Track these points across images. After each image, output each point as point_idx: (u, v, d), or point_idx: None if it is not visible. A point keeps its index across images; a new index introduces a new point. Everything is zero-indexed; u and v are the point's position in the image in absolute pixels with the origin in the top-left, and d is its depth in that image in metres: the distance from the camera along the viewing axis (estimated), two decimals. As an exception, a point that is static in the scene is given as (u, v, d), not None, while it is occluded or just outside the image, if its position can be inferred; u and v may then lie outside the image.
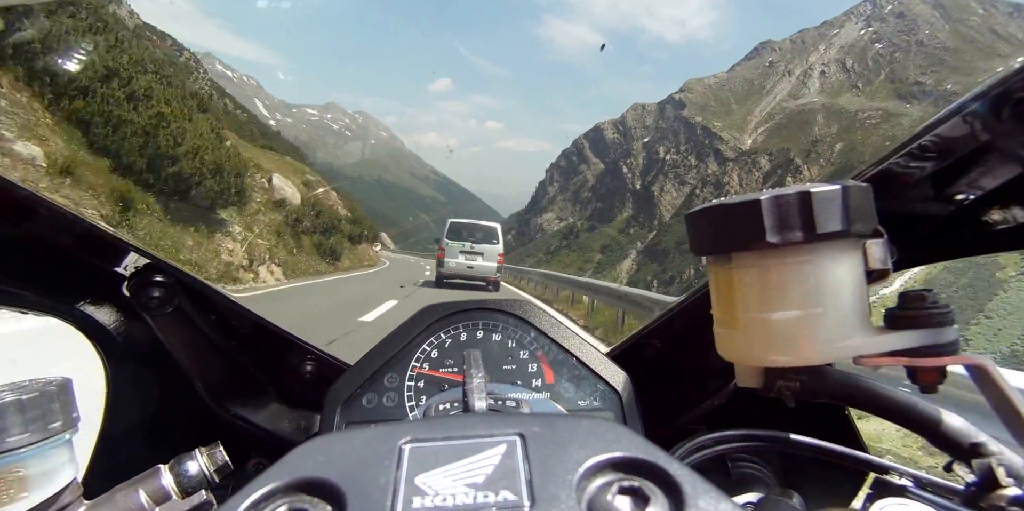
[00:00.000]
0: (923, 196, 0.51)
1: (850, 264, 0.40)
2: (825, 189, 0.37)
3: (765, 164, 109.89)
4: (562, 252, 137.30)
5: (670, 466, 0.24)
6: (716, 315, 0.46)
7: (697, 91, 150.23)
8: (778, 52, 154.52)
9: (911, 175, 0.48)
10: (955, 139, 0.44)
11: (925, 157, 0.46)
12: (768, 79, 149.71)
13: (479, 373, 0.53)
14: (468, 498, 0.23)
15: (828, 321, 0.39)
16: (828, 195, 0.37)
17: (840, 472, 0.66)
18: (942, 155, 0.45)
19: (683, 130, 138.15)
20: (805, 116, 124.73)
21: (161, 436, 0.70)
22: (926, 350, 0.43)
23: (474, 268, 15.20)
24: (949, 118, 0.42)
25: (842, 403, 0.50)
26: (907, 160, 0.46)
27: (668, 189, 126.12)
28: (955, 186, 0.49)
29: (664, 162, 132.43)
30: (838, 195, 0.37)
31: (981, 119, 0.41)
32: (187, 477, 0.51)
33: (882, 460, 0.50)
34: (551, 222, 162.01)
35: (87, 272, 0.62)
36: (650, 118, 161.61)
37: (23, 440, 0.41)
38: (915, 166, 0.47)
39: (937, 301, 0.43)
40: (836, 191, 0.37)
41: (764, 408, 0.59)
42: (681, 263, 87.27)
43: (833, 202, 0.37)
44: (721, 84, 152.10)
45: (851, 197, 0.37)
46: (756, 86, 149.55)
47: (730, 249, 0.41)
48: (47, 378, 0.46)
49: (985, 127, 0.42)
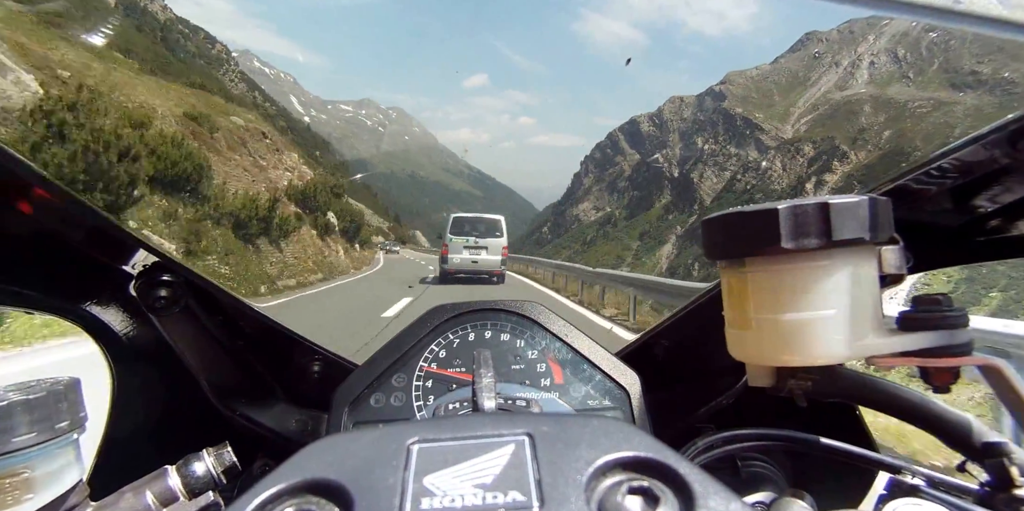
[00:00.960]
0: (939, 208, 0.52)
1: (865, 269, 0.40)
2: (845, 201, 0.37)
3: (809, 151, 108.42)
4: (599, 242, 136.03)
5: (680, 466, 0.24)
6: (728, 317, 0.46)
7: (738, 83, 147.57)
8: (825, 43, 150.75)
9: (928, 190, 0.49)
10: (972, 163, 0.45)
11: (943, 176, 0.47)
12: (813, 70, 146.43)
13: (488, 373, 0.53)
14: (477, 499, 0.23)
15: (841, 322, 0.39)
16: (847, 206, 0.37)
17: (851, 472, 0.65)
18: (960, 174, 0.47)
19: (723, 121, 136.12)
20: (852, 106, 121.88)
21: (167, 437, 0.70)
22: (939, 351, 0.43)
23: (478, 262, 15.28)
24: (969, 145, 0.43)
25: (854, 402, 0.49)
26: (925, 177, 0.47)
27: (708, 175, 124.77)
28: (971, 201, 0.51)
29: (703, 151, 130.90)
30: (858, 206, 0.37)
31: (1000, 147, 0.43)
32: (194, 478, 0.51)
33: (894, 460, 0.50)
34: (587, 212, 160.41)
35: (94, 270, 0.62)
36: (688, 110, 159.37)
37: (29, 440, 0.41)
38: (933, 182, 0.48)
39: (952, 304, 0.43)
40: (856, 203, 0.37)
41: (773, 407, 0.59)
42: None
43: (852, 213, 0.37)
44: (764, 76, 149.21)
45: (870, 209, 0.38)
46: (800, 78, 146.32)
47: (744, 254, 0.42)
48: (55, 378, 0.45)
49: (1004, 153, 0.43)
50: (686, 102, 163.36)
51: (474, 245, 15.33)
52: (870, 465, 0.51)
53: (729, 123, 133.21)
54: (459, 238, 15.40)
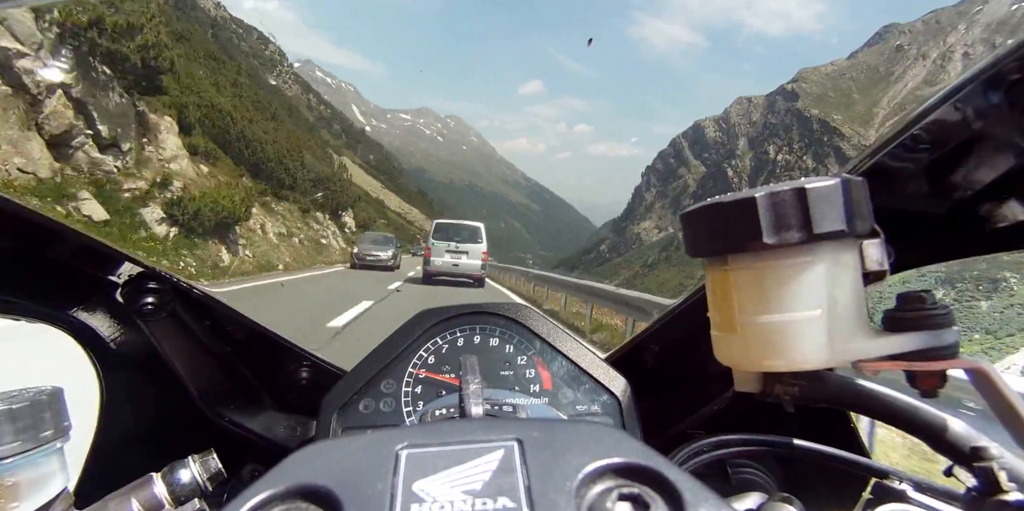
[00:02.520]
0: (919, 191, 0.50)
1: (848, 265, 0.39)
2: (820, 185, 0.37)
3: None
4: (660, 266, 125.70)
5: (670, 472, 0.24)
6: (713, 319, 0.45)
7: (812, 80, 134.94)
8: (907, 35, 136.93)
9: (905, 168, 0.47)
10: (947, 127, 0.43)
11: (918, 148, 0.45)
12: (896, 65, 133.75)
13: (476, 379, 0.53)
14: (466, 505, 0.23)
15: (826, 324, 0.39)
16: (824, 191, 0.37)
17: (840, 477, 0.65)
18: (936, 145, 0.44)
19: (796, 124, 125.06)
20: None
21: (154, 444, 0.69)
22: (926, 353, 0.42)
23: (459, 266, 16.16)
24: (940, 105, 0.41)
25: (842, 407, 0.49)
26: (900, 151, 0.45)
27: None
28: (951, 179, 0.48)
29: (775, 163, 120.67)
30: (833, 190, 0.37)
31: (973, 105, 0.41)
32: (180, 485, 0.50)
33: (881, 464, 0.50)
34: (649, 231, 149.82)
35: (81, 280, 0.62)
36: (757, 113, 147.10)
37: (14, 449, 0.41)
38: (909, 157, 0.46)
39: (936, 302, 0.43)
40: (831, 186, 0.37)
41: (764, 413, 0.59)
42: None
43: (829, 198, 0.37)
44: (840, 72, 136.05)
45: (846, 192, 0.37)
46: (882, 73, 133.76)
47: (726, 251, 0.41)
48: (38, 387, 0.45)
49: (978, 114, 0.41)
50: (755, 103, 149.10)
51: (455, 249, 16.22)
52: (858, 470, 0.51)
53: (804, 127, 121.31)
54: (441, 242, 16.27)
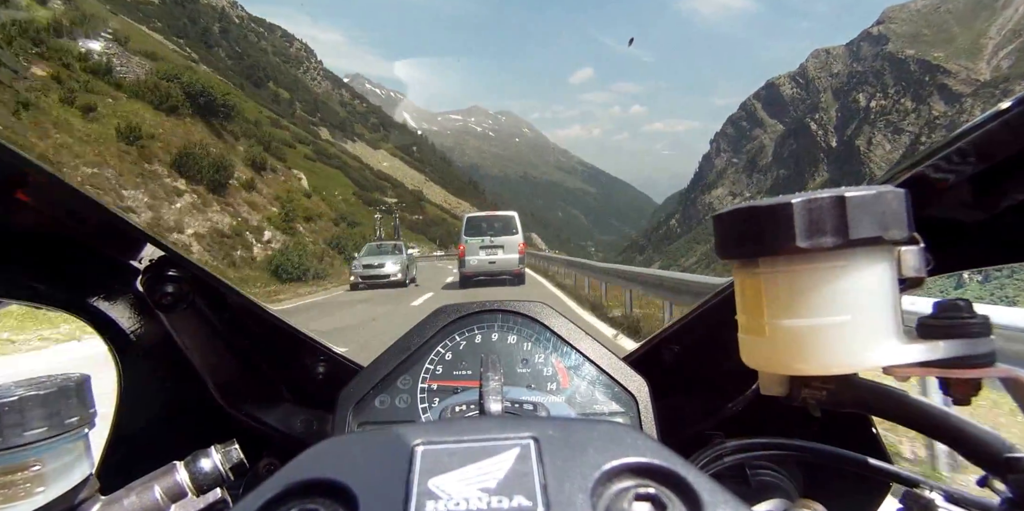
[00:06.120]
0: (960, 201, 0.49)
1: (883, 271, 0.39)
2: (861, 194, 0.36)
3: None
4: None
5: (688, 473, 0.24)
6: (741, 321, 0.45)
7: (901, 19, 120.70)
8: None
9: (947, 179, 0.46)
10: (996, 143, 0.42)
11: (963, 162, 0.44)
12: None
13: (496, 376, 0.53)
14: (482, 502, 0.23)
15: (858, 329, 0.38)
16: (864, 200, 0.36)
17: (863, 483, 0.64)
18: (981, 159, 0.44)
19: (889, 69, 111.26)
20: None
21: (173, 433, 0.70)
22: (960, 361, 0.41)
23: (496, 262, 15.30)
24: (991, 122, 0.41)
25: (870, 413, 0.48)
26: (944, 163, 0.45)
27: (879, 141, 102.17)
28: (994, 192, 0.48)
29: (868, 110, 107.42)
30: (874, 200, 0.36)
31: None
32: (202, 474, 0.51)
33: (911, 473, 0.49)
34: (722, 198, 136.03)
35: (101, 265, 0.62)
36: (839, 64, 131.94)
37: (41, 434, 0.42)
38: (953, 169, 0.45)
39: (973, 311, 0.42)
40: (872, 196, 0.36)
41: (783, 416, 0.58)
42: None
43: (869, 207, 0.36)
44: (934, 6, 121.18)
45: (887, 202, 0.37)
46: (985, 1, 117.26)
47: (758, 254, 0.40)
48: (66, 374, 0.46)
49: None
50: (833, 54, 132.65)
51: (490, 245, 15.38)
52: (886, 477, 0.50)
53: (899, 70, 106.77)
54: (475, 238, 15.46)
